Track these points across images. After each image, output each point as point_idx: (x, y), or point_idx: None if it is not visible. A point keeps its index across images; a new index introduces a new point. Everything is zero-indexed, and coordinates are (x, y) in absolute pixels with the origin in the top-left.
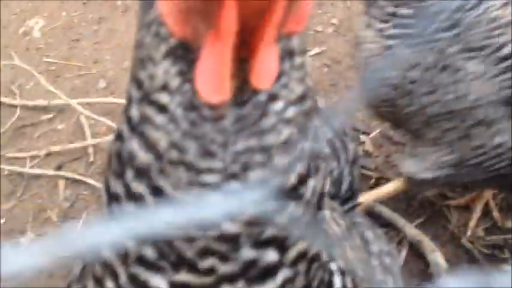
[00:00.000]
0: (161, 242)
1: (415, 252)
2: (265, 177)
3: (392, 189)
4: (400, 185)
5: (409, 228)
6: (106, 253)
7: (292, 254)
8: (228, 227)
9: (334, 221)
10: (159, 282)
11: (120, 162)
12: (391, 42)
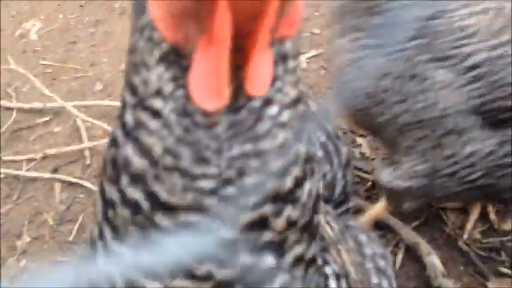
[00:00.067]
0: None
1: (412, 255)
2: (261, 182)
3: (380, 209)
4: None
5: (405, 230)
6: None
7: (289, 258)
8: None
9: (328, 224)
10: None
11: (115, 168)
12: (365, 51)
